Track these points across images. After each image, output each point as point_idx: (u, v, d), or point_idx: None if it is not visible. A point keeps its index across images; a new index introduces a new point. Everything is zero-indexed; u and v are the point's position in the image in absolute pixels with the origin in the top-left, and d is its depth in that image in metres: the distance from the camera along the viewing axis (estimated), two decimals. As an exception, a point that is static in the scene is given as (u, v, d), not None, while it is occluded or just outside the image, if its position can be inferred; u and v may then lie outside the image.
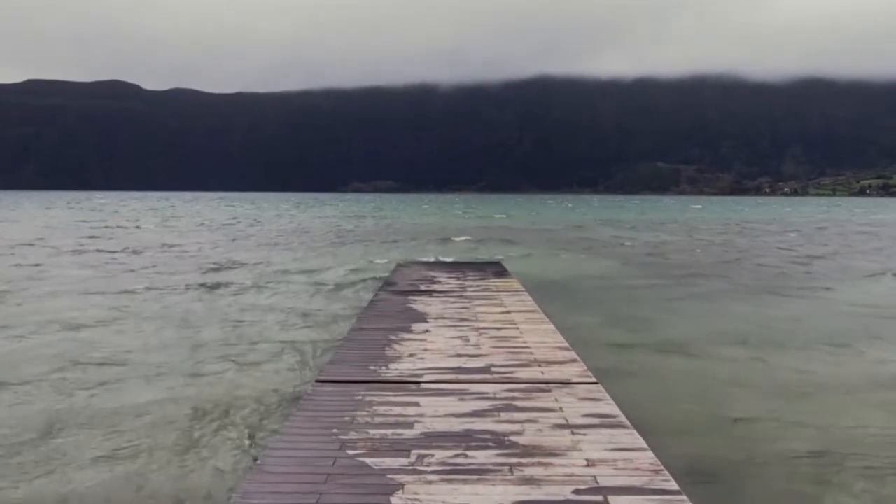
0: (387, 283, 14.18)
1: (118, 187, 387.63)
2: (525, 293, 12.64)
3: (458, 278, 14.97)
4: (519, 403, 5.95)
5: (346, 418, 5.53)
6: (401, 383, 6.58)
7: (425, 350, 7.95)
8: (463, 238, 38.57)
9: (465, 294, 12.45)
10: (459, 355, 7.71)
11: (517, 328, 9.26)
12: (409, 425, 5.36)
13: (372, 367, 7.12)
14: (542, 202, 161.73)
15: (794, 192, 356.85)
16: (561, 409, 5.81)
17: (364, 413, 5.67)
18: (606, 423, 5.45)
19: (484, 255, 27.35)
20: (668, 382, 9.45)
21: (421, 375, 6.83)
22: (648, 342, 11.89)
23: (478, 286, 13.58)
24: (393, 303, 11.41)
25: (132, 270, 22.20)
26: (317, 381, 6.67)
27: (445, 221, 62.77)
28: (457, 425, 5.37)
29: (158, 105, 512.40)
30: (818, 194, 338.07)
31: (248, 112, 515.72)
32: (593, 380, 6.70)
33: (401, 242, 35.57)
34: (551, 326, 9.38)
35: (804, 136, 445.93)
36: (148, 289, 17.89)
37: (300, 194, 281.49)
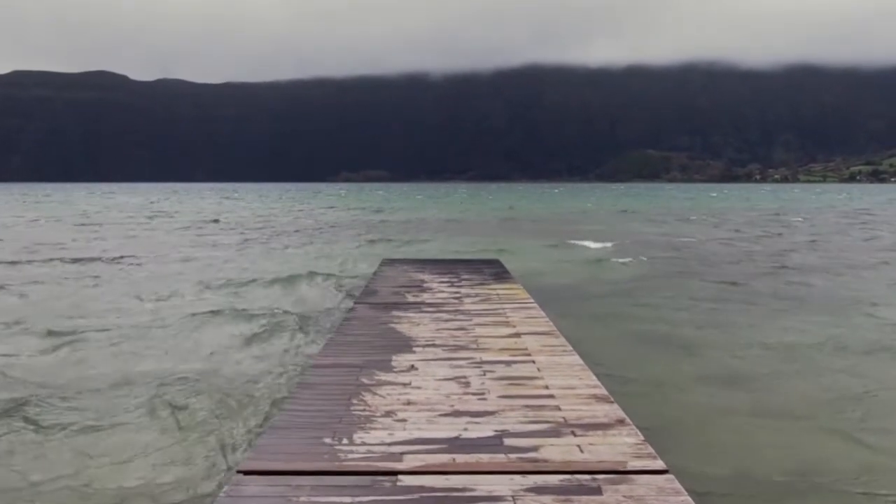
0: (366, 292, 11.83)
1: (106, 178, 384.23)
2: (534, 305, 10.33)
3: (452, 283, 12.66)
4: (556, 522, 3.68)
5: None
6: (368, 474, 4.30)
7: (408, 404, 5.65)
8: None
9: (461, 307, 10.12)
10: (457, 413, 5.42)
11: (533, 362, 6.97)
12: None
13: (328, 441, 4.82)
14: (590, 190, 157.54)
15: (785, 179, 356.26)
16: (627, 536, 3.54)
17: (300, 554, 3.39)
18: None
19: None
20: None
21: (399, 457, 4.53)
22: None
23: (476, 295, 11.25)
24: (370, 322, 9.07)
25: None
26: (239, 472, 4.38)
27: (557, 214, 58.93)
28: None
29: (146, 96, 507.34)
30: (808, 181, 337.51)
31: (237, 102, 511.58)
32: (661, 466, 4.42)
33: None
34: (577, 359, 7.08)
35: (794, 122, 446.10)
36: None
37: (293, 184, 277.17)
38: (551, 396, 5.83)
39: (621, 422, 5.21)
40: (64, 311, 13.65)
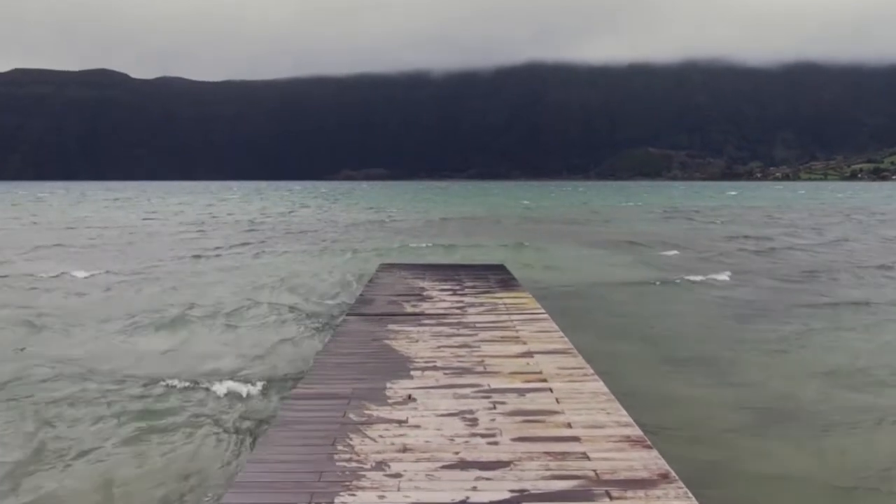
0: (360, 301, 10.84)
1: (106, 177, 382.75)
2: (546, 316, 9.34)
3: (455, 291, 11.67)
4: None
5: None
6: (352, 560, 3.34)
7: (404, 450, 4.67)
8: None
9: (464, 319, 9.13)
10: (464, 464, 4.43)
11: (550, 390, 5.99)
12: None
13: (303, 508, 3.85)
14: (595, 188, 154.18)
15: (786, 177, 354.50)
16: None
17: None
18: None
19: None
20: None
21: (393, 532, 3.57)
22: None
23: (481, 305, 10.26)
24: (363, 338, 8.08)
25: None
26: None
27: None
28: None
29: (146, 93, 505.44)
30: (809, 179, 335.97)
31: (237, 100, 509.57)
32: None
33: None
34: (601, 386, 6.10)
35: (795, 120, 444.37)
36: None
37: (294, 182, 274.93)
38: (576, 439, 4.85)
39: (665, 477, 4.24)
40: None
